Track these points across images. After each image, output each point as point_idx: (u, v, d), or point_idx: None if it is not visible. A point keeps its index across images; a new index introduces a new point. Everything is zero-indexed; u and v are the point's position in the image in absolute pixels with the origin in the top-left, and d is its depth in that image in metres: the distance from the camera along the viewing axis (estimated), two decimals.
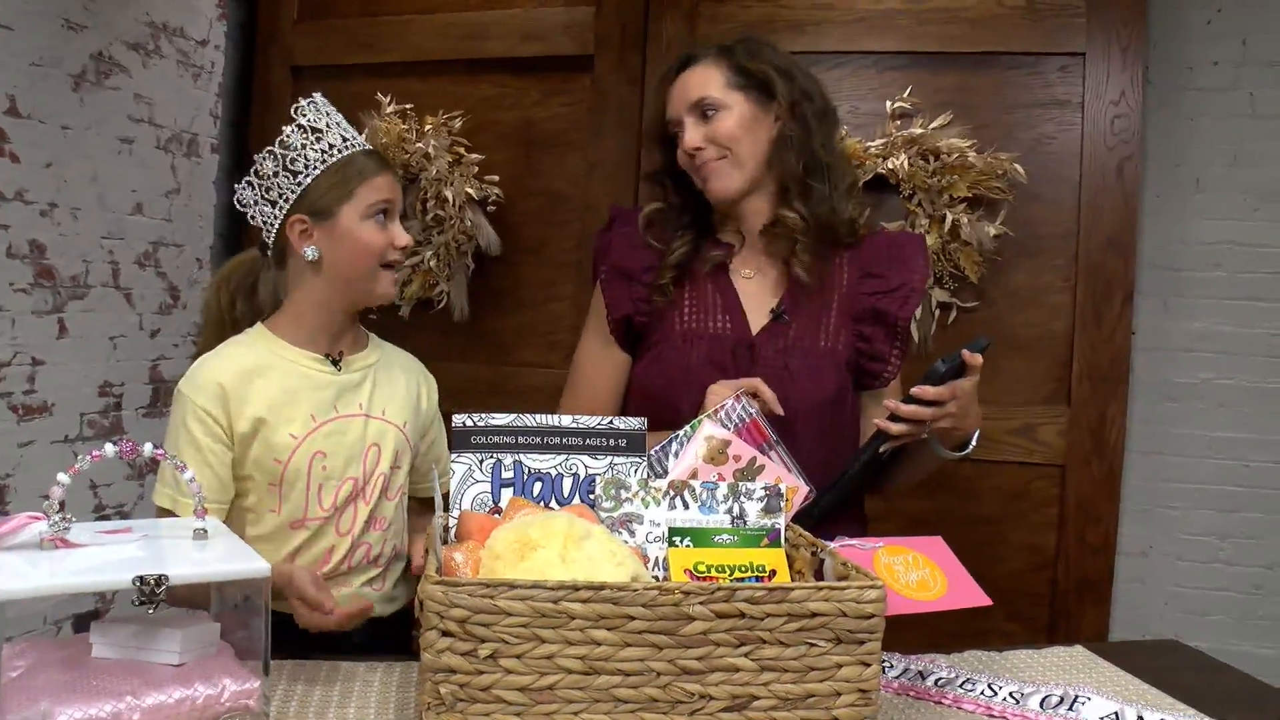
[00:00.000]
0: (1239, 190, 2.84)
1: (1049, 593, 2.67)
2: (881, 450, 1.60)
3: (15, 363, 2.47)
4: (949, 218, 2.59)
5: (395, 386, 1.64)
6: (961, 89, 2.68)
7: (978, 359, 1.56)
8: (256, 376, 1.54)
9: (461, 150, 2.84)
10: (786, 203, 1.77)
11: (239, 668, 1.19)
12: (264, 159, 1.55)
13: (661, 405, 1.66)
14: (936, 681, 1.40)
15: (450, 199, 2.81)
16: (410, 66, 2.96)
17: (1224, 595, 2.84)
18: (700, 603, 1.11)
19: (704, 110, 1.75)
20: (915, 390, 1.55)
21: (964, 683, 1.40)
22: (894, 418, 1.56)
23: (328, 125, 1.54)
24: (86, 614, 2.55)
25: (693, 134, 1.75)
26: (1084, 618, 2.64)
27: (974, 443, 1.70)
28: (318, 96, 1.59)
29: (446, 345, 2.91)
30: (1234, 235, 2.84)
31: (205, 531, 1.24)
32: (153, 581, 1.09)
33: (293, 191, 1.52)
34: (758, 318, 1.77)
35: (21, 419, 2.49)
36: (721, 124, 1.74)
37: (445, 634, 1.08)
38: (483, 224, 2.86)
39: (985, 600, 1.31)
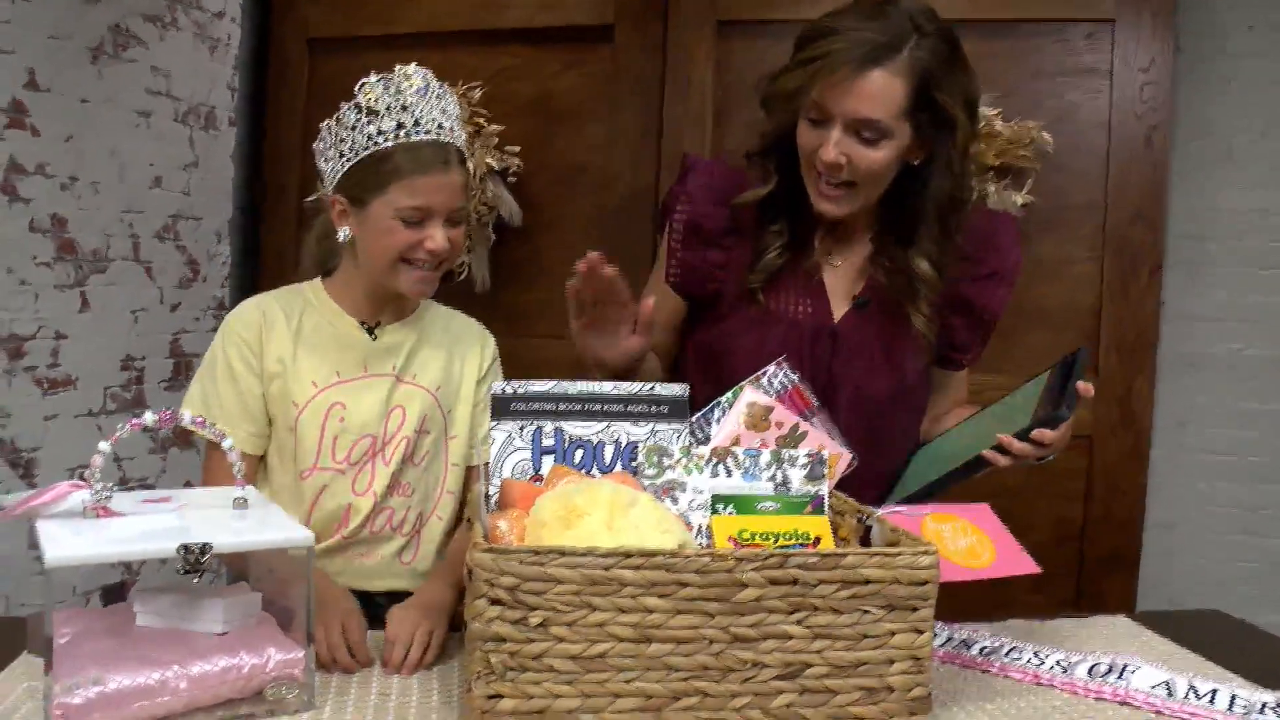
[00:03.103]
0: (1270, 159, 2.80)
1: (1075, 565, 2.65)
2: (975, 476, 1.52)
3: (39, 336, 2.46)
4: (975, 187, 2.56)
5: (436, 351, 1.59)
6: (988, 56, 2.62)
7: (1089, 390, 1.46)
8: (294, 322, 1.52)
9: (481, 121, 2.81)
10: (916, 246, 1.58)
11: (283, 637, 1.17)
12: (324, 130, 1.49)
13: (723, 373, 1.58)
14: (982, 650, 1.38)
15: (471, 170, 2.77)
16: (426, 37, 2.92)
17: (1251, 567, 2.82)
18: (753, 569, 1.09)
19: (862, 131, 1.48)
20: (1037, 435, 1.44)
21: (1009, 651, 1.38)
22: (1001, 449, 1.46)
23: (388, 108, 1.43)
24: (114, 585, 2.54)
25: (836, 150, 1.49)
26: (1110, 590, 2.62)
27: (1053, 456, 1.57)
28: (405, 70, 1.46)
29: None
30: (1264, 204, 2.81)
31: (245, 500, 1.22)
32: (197, 550, 1.07)
33: (339, 170, 1.47)
34: (841, 304, 1.66)
35: (46, 392, 2.48)
36: (874, 155, 1.49)
37: (495, 602, 1.06)
38: (504, 195, 2.83)
39: (1034, 568, 1.29)
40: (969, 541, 1.29)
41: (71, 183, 2.52)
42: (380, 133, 1.43)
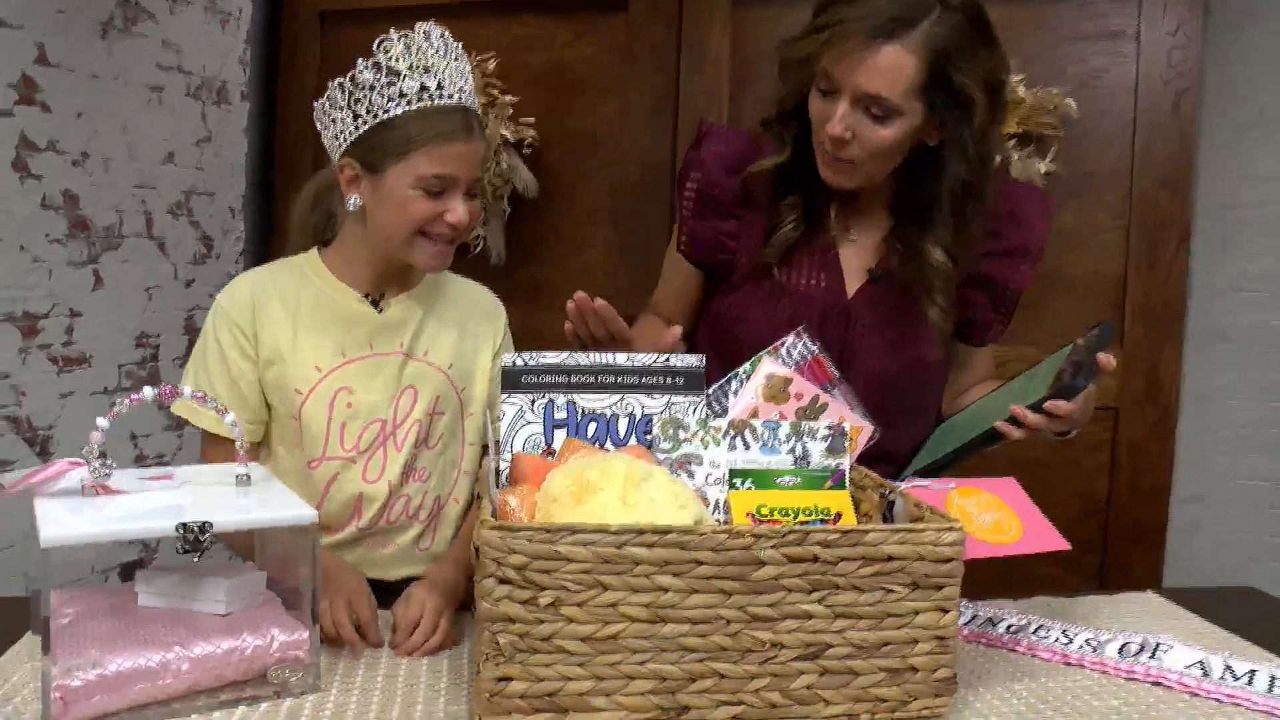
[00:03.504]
0: None
1: (1100, 539, 2.59)
2: (990, 449, 1.47)
3: (53, 314, 2.43)
4: (997, 155, 2.48)
5: (446, 326, 1.50)
6: (1010, 22, 2.54)
7: (1111, 363, 1.37)
8: (290, 300, 1.43)
9: (495, 93, 2.75)
10: (931, 232, 1.49)
11: (287, 618, 1.13)
12: (334, 89, 1.38)
13: (732, 346, 1.53)
14: (1009, 629, 1.33)
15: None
16: (439, 9, 2.83)
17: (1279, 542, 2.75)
18: (772, 546, 1.04)
19: (871, 107, 1.40)
20: (1050, 405, 1.36)
21: (1037, 629, 1.33)
22: (1015, 420, 1.39)
23: (411, 68, 1.33)
24: (132, 563, 2.52)
25: (842, 125, 1.41)
26: (1136, 565, 2.56)
27: (1076, 431, 1.49)
28: (424, 29, 1.36)
29: None
30: None
31: (248, 477, 1.18)
32: (196, 529, 1.03)
33: (350, 132, 1.37)
34: (855, 280, 1.58)
35: (61, 370, 2.45)
36: (881, 133, 1.42)
37: (503, 581, 1.02)
38: (519, 167, 2.78)
39: (1063, 544, 1.23)
40: (995, 517, 1.23)
41: (83, 159, 2.47)
42: (403, 95, 1.33)
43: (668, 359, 1.35)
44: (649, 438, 1.32)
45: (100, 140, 2.51)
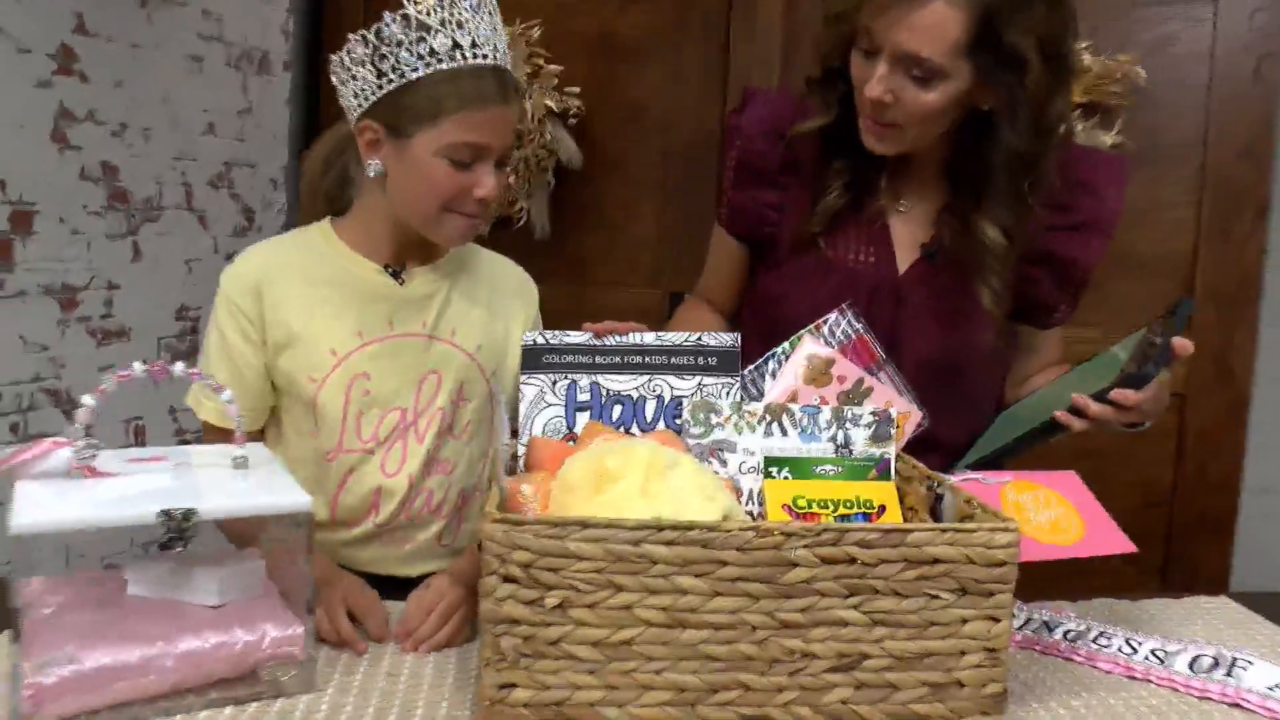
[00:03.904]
0: None
1: (1163, 532, 2.44)
2: (1050, 440, 1.32)
3: (92, 286, 2.37)
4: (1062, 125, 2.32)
5: (474, 304, 1.36)
6: None
7: (1187, 347, 1.24)
8: (301, 278, 1.30)
9: (540, 61, 2.64)
10: (985, 208, 1.35)
11: (284, 611, 1.04)
12: (355, 42, 1.24)
13: (775, 326, 1.39)
14: (1066, 635, 1.20)
15: (529, 112, 2.61)
16: None
17: None
18: (804, 546, 0.93)
19: (912, 68, 1.27)
20: (1117, 395, 1.23)
21: (1097, 637, 1.19)
22: (1077, 411, 1.25)
23: (443, 23, 1.20)
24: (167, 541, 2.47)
25: (881, 86, 1.28)
26: (1203, 559, 2.40)
27: (1148, 424, 1.35)
28: None
29: (526, 265, 2.69)
30: None
31: (245, 460, 1.08)
32: (179, 516, 0.94)
33: (373, 91, 1.24)
34: (907, 255, 1.45)
35: (100, 343, 2.40)
36: (924, 97, 1.28)
37: (507, 580, 0.92)
38: (563, 137, 2.67)
39: (1129, 546, 1.10)
40: (1054, 514, 1.10)
41: (122, 130, 2.41)
42: (434, 53, 1.20)
43: (699, 337, 1.24)
44: (679, 422, 1.21)
45: (140, 111, 2.44)
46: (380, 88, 1.23)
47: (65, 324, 2.32)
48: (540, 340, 1.22)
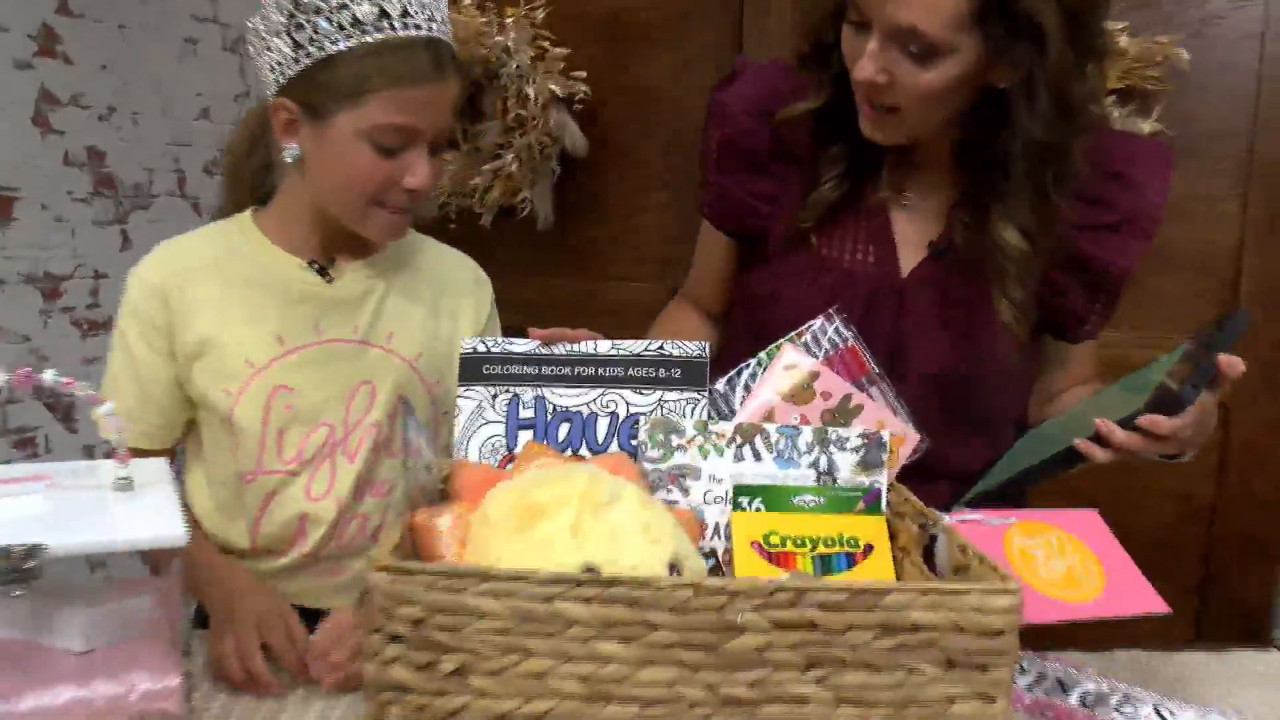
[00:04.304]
0: None
1: (1201, 550, 2.21)
2: (1072, 471, 1.12)
3: (77, 275, 2.24)
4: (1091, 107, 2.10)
5: (415, 304, 1.20)
6: None
7: (1238, 367, 1.04)
8: (215, 278, 1.14)
9: (545, 44, 2.46)
10: (1002, 205, 1.14)
11: (163, 659, 0.87)
12: (270, 8, 1.07)
13: (763, 334, 1.17)
14: (1083, 699, 1.00)
15: (533, 97, 2.43)
16: None
17: None
18: (754, 608, 0.74)
19: (908, 44, 1.07)
20: (1146, 422, 1.03)
21: (1123, 703, 0.99)
22: (1100, 439, 1.06)
23: None
24: None
25: (873, 66, 1.08)
26: (1244, 579, 2.18)
27: (1190, 454, 1.16)
28: None
29: (530, 257, 2.57)
30: None
31: (130, 481, 0.92)
32: (20, 554, 0.78)
33: (289, 66, 1.07)
34: (911, 253, 1.24)
35: (85, 334, 2.27)
36: (923, 77, 1.07)
37: (394, 639, 0.74)
38: (568, 124, 2.48)
39: (1158, 604, 0.90)
40: (1068, 564, 0.91)
41: (110, 114, 2.28)
42: (357, 22, 1.03)
43: (661, 346, 1.06)
44: (635, 443, 1.03)
45: (129, 95, 2.31)
46: (297, 61, 1.06)
47: (48, 314, 2.20)
48: (480, 348, 1.04)
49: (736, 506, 1.00)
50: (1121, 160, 1.22)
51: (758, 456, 1.02)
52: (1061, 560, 0.91)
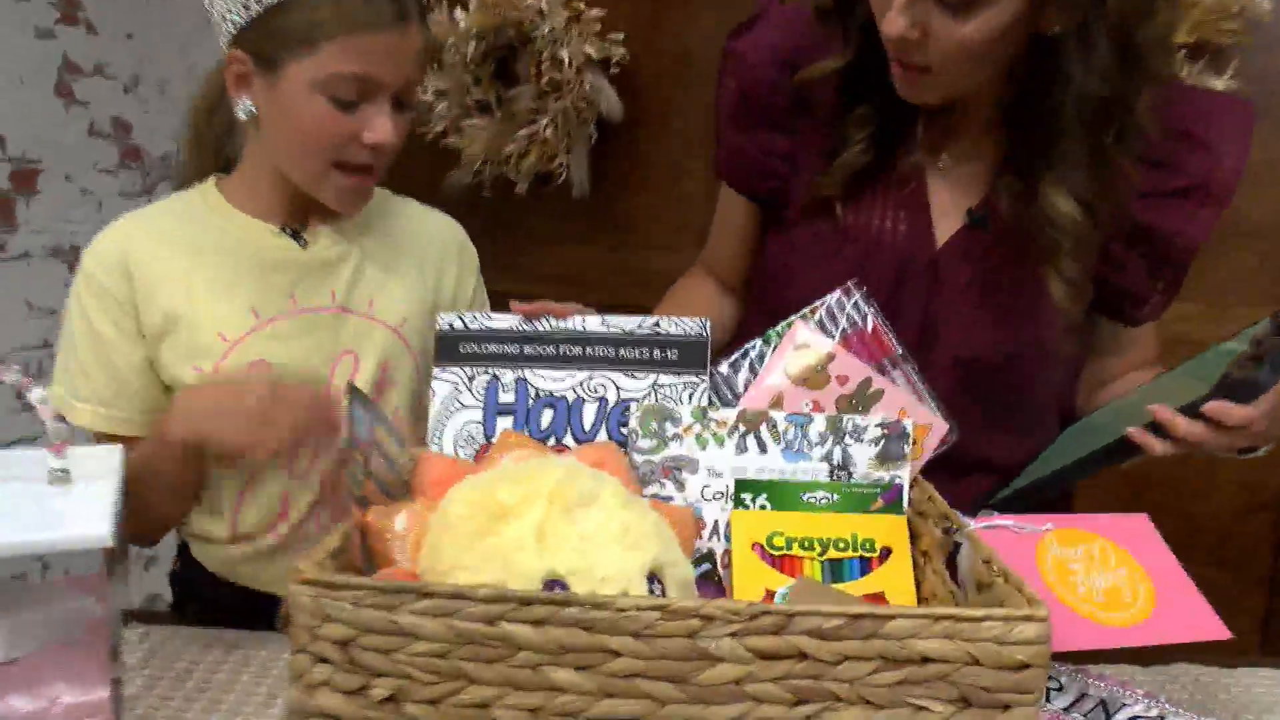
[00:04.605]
0: None
1: (1271, 539, 2.04)
2: (1123, 465, 1.00)
3: None
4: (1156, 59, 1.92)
5: (395, 267, 1.12)
6: None
7: None
8: (179, 249, 1.04)
9: (580, 5, 2.33)
10: (1054, 170, 0.99)
11: (91, 667, 0.79)
12: None
13: (779, 310, 1.04)
14: None
15: (567, 60, 2.31)
16: None
17: None
18: (730, 634, 0.62)
19: None
20: (1214, 409, 0.91)
21: None
22: (1157, 428, 0.94)
23: None
24: None
25: (902, 19, 0.94)
26: None
27: (1266, 448, 1.00)
28: None
29: (566, 226, 2.46)
30: None
31: (67, 474, 0.83)
32: None
33: (239, 13, 0.97)
34: (948, 222, 1.10)
35: None
36: (960, 31, 0.93)
37: (320, 660, 0.64)
38: (604, 88, 2.36)
39: (1219, 631, 0.77)
40: (1112, 579, 0.77)
41: (135, 84, 2.21)
42: None
43: (656, 323, 0.94)
44: (625, 432, 0.92)
45: (154, 64, 2.23)
46: (247, 8, 0.96)
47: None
48: (458, 324, 0.93)
49: (738, 504, 0.89)
50: (1193, 118, 1.06)
51: (763, 448, 0.90)
52: (1104, 575, 0.77)
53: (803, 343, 0.95)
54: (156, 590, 1.65)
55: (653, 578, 0.72)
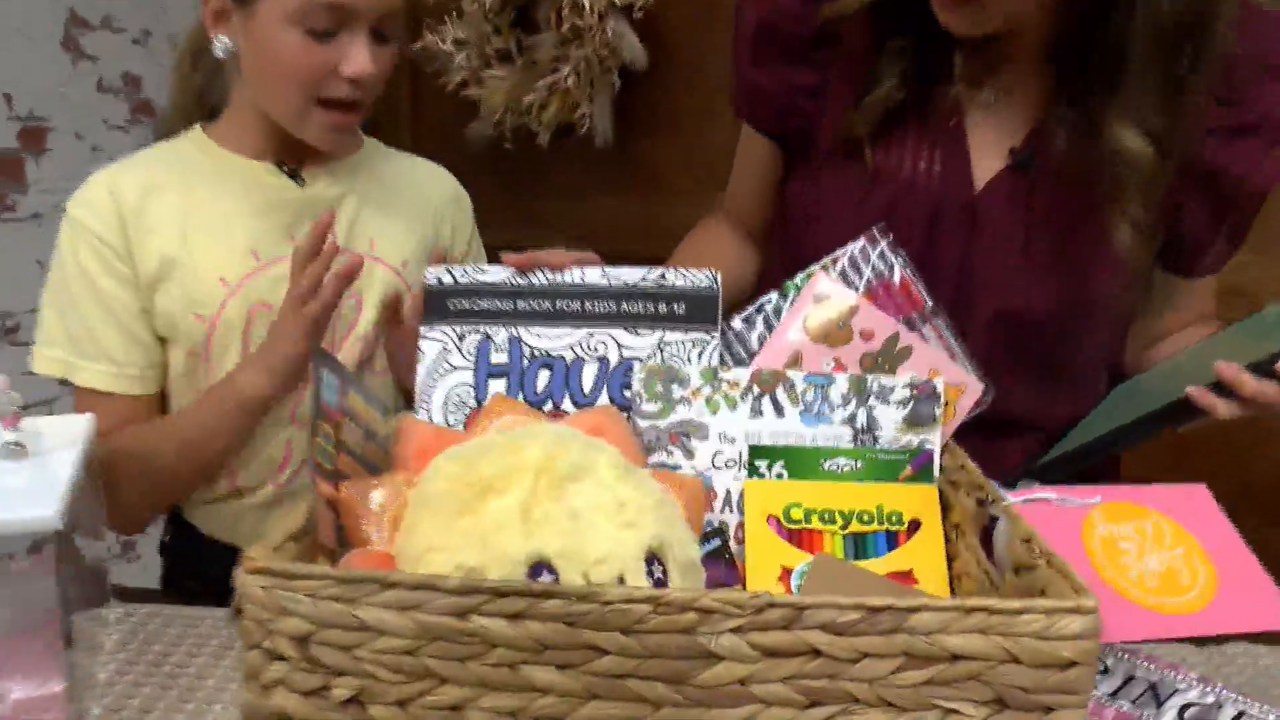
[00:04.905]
0: None
1: None
2: (1180, 430, 0.91)
3: None
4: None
5: (392, 209, 1.08)
6: None
7: None
8: (171, 193, 0.99)
9: None
10: (1119, 100, 0.88)
11: (43, 659, 0.72)
12: None
13: (802, 257, 0.94)
14: (1184, 711, 0.78)
15: (588, 6, 2.21)
16: None
17: None
18: (732, 630, 0.54)
19: None
20: None
21: (1238, 714, 0.77)
22: (1220, 387, 0.85)
23: None
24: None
25: None
26: None
27: None
28: None
29: (590, 177, 2.37)
30: None
31: (22, 448, 0.76)
32: None
33: None
34: (989, 163, 0.99)
35: None
36: None
37: (276, 658, 0.57)
38: (628, 34, 2.25)
39: None
40: (1168, 560, 0.68)
41: (145, 38, 2.13)
42: None
43: (662, 275, 0.85)
44: (627, 394, 0.83)
45: (164, 17, 2.16)
46: None
47: None
48: (446, 278, 0.85)
49: (752, 473, 0.81)
50: (1264, 44, 0.94)
51: (780, 411, 0.82)
52: (1159, 555, 0.68)
53: (823, 295, 0.86)
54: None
55: (652, 559, 0.64)
